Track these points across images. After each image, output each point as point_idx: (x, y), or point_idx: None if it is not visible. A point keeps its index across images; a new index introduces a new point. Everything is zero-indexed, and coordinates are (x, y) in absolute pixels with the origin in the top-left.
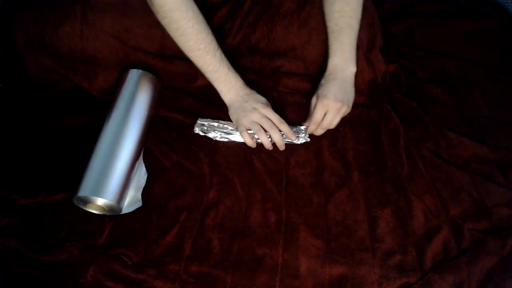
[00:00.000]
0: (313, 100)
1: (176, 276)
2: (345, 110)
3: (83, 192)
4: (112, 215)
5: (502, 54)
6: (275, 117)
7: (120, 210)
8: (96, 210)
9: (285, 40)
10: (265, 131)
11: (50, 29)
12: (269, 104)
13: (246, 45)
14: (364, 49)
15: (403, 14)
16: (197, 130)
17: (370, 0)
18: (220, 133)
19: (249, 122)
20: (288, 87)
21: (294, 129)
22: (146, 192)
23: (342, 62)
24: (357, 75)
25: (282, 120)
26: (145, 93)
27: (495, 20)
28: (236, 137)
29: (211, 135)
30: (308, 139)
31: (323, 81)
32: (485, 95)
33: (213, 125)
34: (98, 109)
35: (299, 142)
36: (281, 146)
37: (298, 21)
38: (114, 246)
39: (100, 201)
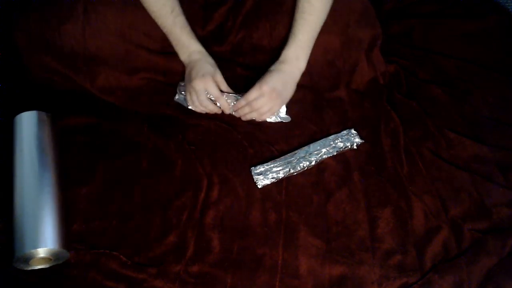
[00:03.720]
0: (256, 84)
1: (176, 276)
2: (279, 103)
3: (20, 251)
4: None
5: (502, 54)
6: (214, 92)
7: (67, 254)
8: (42, 264)
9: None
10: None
11: (52, 28)
12: (215, 73)
13: (248, 43)
14: (365, 49)
15: (403, 14)
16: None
17: (370, 0)
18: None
19: (190, 92)
20: None
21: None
22: (149, 192)
23: (293, 57)
24: (357, 74)
25: (220, 96)
26: (38, 135)
27: (495, 20)
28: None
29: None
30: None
31: (272, 67)
32: (485, 95)
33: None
34: (99, 109)
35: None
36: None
37: None
38: (115, 246)
39: (43, 252)
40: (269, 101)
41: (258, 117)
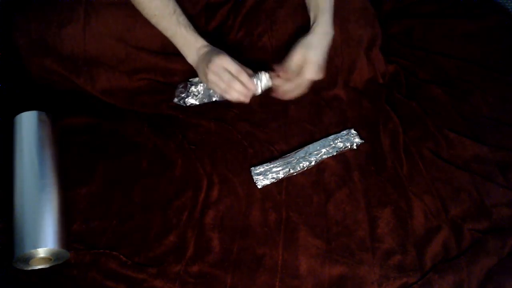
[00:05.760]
0: (297, 54)
1: (176, 276)
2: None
3: (20, 251)
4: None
5: (502, 54)
6: (233, 67)
7: (67, 254)
8: (42, 264)
9: (289, 33)
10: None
11: (53, 30)
12: (225, 53)
13: (249, 41)
14: (365, 48)
15: (403, 14)
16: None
17: (370, 0)
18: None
19: (212, 80)
20: None
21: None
22: (149, 192)
23: (330, 21)
24: (356, 72)
25: (240, 70)
26: (38, 135)
27: (495, 20)
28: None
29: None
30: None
31: (314, 37)
32: (485, 95)
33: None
34: (99, 109)
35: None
36: (244, 100)
37: (301, 13)
38: (115, 246)
39: (43, 252)
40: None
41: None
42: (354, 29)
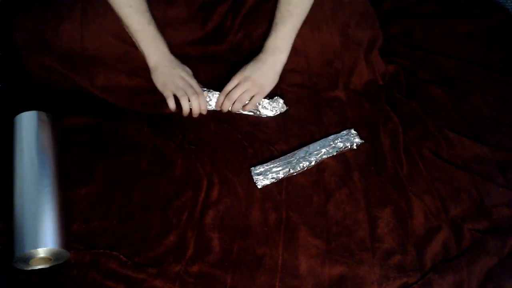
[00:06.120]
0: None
1: (176, 276)
2: (255, 91)
3: (20, 251)
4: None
5: (502, 54)
6: (198, 89)
7: (67, 254)
8: (42, 264)
9: None
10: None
11: (51, 28)
12: (193, 76)
13: (248, 43)
14: (364, 50)
15: (403, 14)
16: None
17: (370, 1)
18: None
19: (175, 87)
20: (291, 84)
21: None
22: (149, 192)
23: (274, 47)
24: (356, 75)
25: (202, 93)
26: (38, 135)
27: (495, 20)
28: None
29: None
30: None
31: (254, 59)
32: (485, 95)
33: None
34: (99, 109)
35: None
36: (195, 114)
37: None
38: (115, 246)
39: (43, 252)
40: (245, 90)
41: (243, 108)
42: (354, 32)
